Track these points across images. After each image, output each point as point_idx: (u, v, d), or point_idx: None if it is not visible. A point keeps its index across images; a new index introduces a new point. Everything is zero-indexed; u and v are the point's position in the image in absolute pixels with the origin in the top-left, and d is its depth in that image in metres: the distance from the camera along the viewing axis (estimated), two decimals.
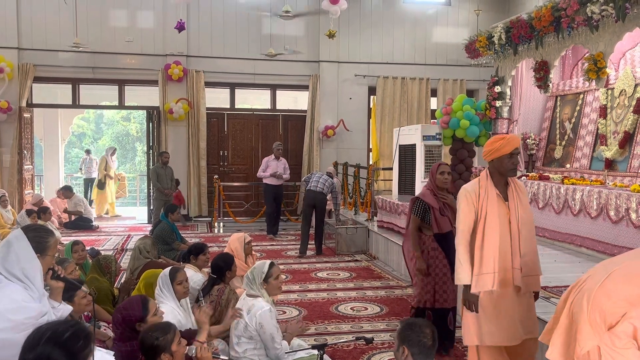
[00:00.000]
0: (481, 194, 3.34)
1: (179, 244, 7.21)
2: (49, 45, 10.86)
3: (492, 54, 8.01)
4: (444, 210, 4.40)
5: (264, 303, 3.67)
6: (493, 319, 3.30)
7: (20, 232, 2.50)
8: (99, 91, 13.28)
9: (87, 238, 9.26)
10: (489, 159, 3.38)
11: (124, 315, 3.03)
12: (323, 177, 8.43)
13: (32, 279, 2.41)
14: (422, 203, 4.43)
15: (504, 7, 12.20)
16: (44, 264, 2.56)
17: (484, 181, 3.37)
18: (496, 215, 3.30)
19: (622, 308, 2.25)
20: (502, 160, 3.32)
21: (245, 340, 3.65)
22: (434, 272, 4.40)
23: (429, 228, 4.44)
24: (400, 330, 2.52)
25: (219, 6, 11.62)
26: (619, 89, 6.86)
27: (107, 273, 4.83)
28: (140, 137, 24.01)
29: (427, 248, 4.44)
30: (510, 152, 3.29)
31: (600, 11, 5.58)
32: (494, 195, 3.34)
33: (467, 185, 3.44)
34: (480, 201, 3.33)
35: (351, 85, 12.16)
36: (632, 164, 6.45)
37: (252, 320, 3.61)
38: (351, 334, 4.90)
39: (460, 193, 3.42)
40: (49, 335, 1.99)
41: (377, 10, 12.24)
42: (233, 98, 12.21)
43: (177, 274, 3.80)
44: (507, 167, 3.33)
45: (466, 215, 3.34)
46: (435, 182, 4.46)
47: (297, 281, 6.85)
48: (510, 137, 3.35)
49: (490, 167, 3.40)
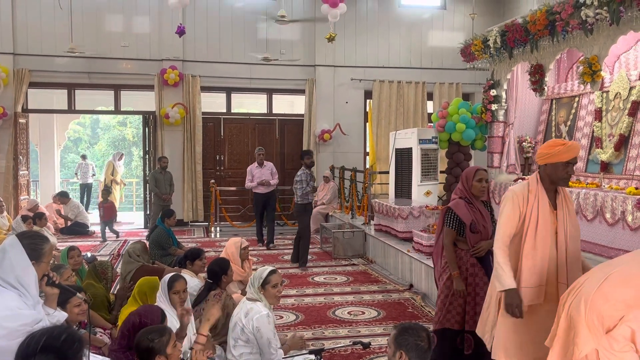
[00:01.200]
0: (530, 199, 3.11)
1: (175, 249, 7.19)
2: (45, 50, 10.84)
3: (488, 57, 8.03)
4: (476, 224, 3.87)
5: (262, 307, 3.66)
6: (529, 333, 3.09)
7: (15, 239, 2.49)
8: (95, 96, 13.25)
9: (83, 243, 9.23)
10: (542, 163, 3.14)
11: (143, 321, 3.02)
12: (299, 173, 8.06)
13: (26, 287, 2.39)
14: (454, 215, 3.91)
15: (499, 11, 12.25)
16: (39, 270, 2.54)
17: (534, 186, 3.14)
18: (548, 223, 3.07)
19: (619, 311, 2.25)
20: (556, 167, 3.08)
21: (241, 343, 3.64)
22: (473, 291, 3.87)
23: (464, 242, 3.92)
24: (395, 335, 2.51)
25: (214, 11, 11.63)
26: (614, 92, 6.88)
27: (103, 279, 4.81)
28: (137, 142, 23.97)
29: (465, 265, 3.90)
30: (567, 160, 3.06)
31: (595, 15, 5.59)
32: (546, 202, 3.10)
33: (515, 188, 3.21)
34: (529, 207, 3.10)
35: (347, 89, 12.18)
36: (628, 166, 6.46)
37: (249, 324, 3.60)
38: (348, 338, 4.89)
39: (507, 195, 3.19)
40: (45, 340, 2.00)
41: (372, 15, 12.27)
42: (229, 102, 12.21)
43: (175, 282, 3.76)
44: (561, 176, 3.10)
45: (510, 219, 3.11)
46: (470, 190, 3.91)
47: (294, 285, 6.84)
48: (571, 144, 3.10)
49: (542, 172, 3.17)
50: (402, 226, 7.55)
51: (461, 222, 3.86)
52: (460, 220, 3.85)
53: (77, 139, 25.41)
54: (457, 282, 3.83)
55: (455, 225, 3.90)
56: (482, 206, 3.94)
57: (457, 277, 3.84)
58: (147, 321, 3.05)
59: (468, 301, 3.85)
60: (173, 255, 7.04)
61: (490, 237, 3.83)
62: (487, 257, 3.87)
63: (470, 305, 3.85)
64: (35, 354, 1.96)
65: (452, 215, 3.91)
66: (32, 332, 2.10)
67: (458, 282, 3.83)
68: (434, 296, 6.00)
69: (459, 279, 3.83)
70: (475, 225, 3.84)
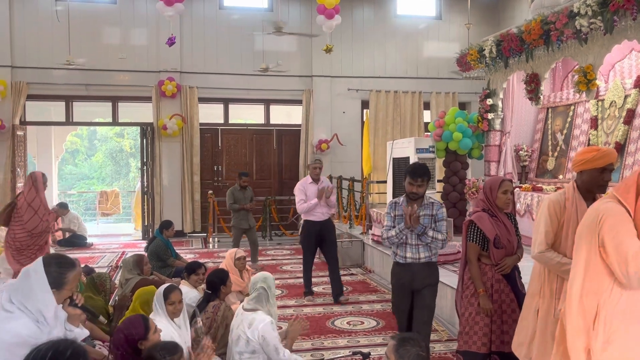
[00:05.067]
0: (568, 207, 3.03)
1: (173, 260, 7.18)
2: (42, 63, 10.87)
3: (484, 67, 8.09)
4: (500, 239, 3.67)
5: (264, 315, 3.67)
6: None
7: (40, 265, 2.55)
8: (93, 108, 13.28)
9: (81, 255, 9.20)
10: (577, 170, 3.08)
11: (127, 334, 3.01)
12: None
13: (43, 313, 2.46)
14: (477, 229, 3.72)
15: (494, 20, 12.35)
16: (59, 297, 2.61)
17: (571, 193, 3.07)
18: None
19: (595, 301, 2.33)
20: (592, 174, 3.02)
21: (247, 355, 3.63)
22: (500, 308, 3.68)
23: (488, 256, 3.73)
24: (395, 346, 2.50)
25: (212, 22, 11.70)
26: (609, 100, 6.94)
27: (101, 291, 4.80)
28: (134, 153, 23.97)
29: (490, 280, 3.71)
30: (603, 166, 2.99)
31: (589, 24, 5.65)
32: (584, 211, 2.91)
33: (552, 196, 3.14)
34: (567, 215, 3.02)
35: (344, 99, 12.23)
36: (624, 174, 6.50)
37: (254, 334, 3.60)
38: (347, 348, 4.88)
39: (544, 204, 3.12)
40: (51, 354, 2.01)
41: (369, 25, 12.36)
42: (227, 113, 12.25)
43: (171, 294, 3.75)
44: (597, 183, 3.03)
45: (548, 226, 3.03)
46: (494, 202, 3.70)
47: (293, 296, 6.83)
48: (607, 150, 3.03)
49: (578, 180, 3.11)
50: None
51: (485, 237, 3.68)
52: (484, 235, 3.68)
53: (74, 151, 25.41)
54: (483, 301, 3.64)
55: (478, 240, 3.71)
56: (507, 218, 3.75)
57: (484, 295, 3.65)
58: (132, 334, 3.02)
59: (494, 320, 3.67)
60: (172, 266, 7.04)
61: (515, 251, 3.72)
62: (513, 272, 3.75)
63: (497, 324, 3.67)
64: None
65: (475, 229, 3.72)
66: (38, 345, 2.11)
67: (485, 300, 3.64)
68: None
69: (485, 297, 3.64)
70: (499, 240, 3.66)
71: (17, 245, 5.47)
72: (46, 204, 5.69)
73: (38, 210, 5.43)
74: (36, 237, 5.47)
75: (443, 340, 5.12)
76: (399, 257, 4.09)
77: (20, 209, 5.43)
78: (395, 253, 4.12)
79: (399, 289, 4.15)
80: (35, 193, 5.49)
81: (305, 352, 4.68)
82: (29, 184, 5.55)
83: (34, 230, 5.40)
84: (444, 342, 5.08)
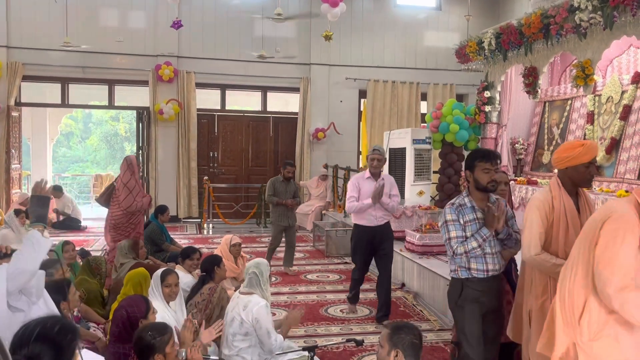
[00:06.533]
0: (556, 205, 2.98)
1: (168, 245, 7.20)
2: (39, 43, 10.78)
3: (482, 59, 8.09)
4: None
5: (259, 299, 3.71)
6: None
7: None
8: (89, 91, 13.19)
9: (75, 238, 9.18)
10: (563, 167, 3.02)
11: (129, 312, 3.06)
12: None
13: None
14: None
15: (494, 13, 12.32)
16: None
17: (557, 191, 3.01)
18: (578, 228, 2.88)
19: (582, 296, 2.36)
20: (578, 169, 2.97)
21: (240, 337, 3.67)
22: None
23: None
24: (389, 334, 2.53)
25: (210, 7, 11.62)
26: (606, 95, 6.97)
27: (97, 274, 4.82)
28: (129, 137, 23.86)
29: None
30: (589, 160, 2.96)
31: (589, 19, 5.66)
32: (572, 207, 2.97)
33: (540, 196, 3.06)
34: (556, 213, 2.97)
35: (342, 88, 12.21)
36: (619, 169, 6.55)
37: (248, 316, 3.65)
38: (341, 336, 4.93)
39: (531, 204, 3.05)
40: (39, 330, 2.03)
41: (368, 14, 12.30)
42: (224, 99, 12.20)
43: (168, 276, 3.82)
44: (584, 177, 2.99)
45: (540, 227, 2.96)
46: None
47: (287, 283, 6.86)
48: (590, 144, 3.01)
49: (562, 176, 3.05)
50: (395, 225, 7.57)
51: None
52: None
53: (69, 133, 25.26)
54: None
55: None
56: None
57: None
58: (134, 312, 3.07)
59: None
60: (166, 251, 7.06)
61: None
62: (509, 265, 3.61)
63: None
64: (30, 343, 1.98)
65: None
66: (26, 322, 2.13)
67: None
68: (425, 295, 6.06)
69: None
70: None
71: (113, 223, 5.90)
72: (140, 186, 6.09)
73: (132, 190, 5.81)
74: (130, 215, 5.87)
75: (435, 329, 5.18)
76: (479, 272, 3.25)
77: (118, 190, 5.85)
78: (468, 268, 3.26)
79: (479, 314, 3.26)
80: (130, 175, 5.87)
81: (298, 339, 4.72)
82: (124, 167, 5.95)
83: (128, 208, 5.78)
84: (436, 331, 5.13)
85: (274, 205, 7.34)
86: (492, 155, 3.28)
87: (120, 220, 5.84)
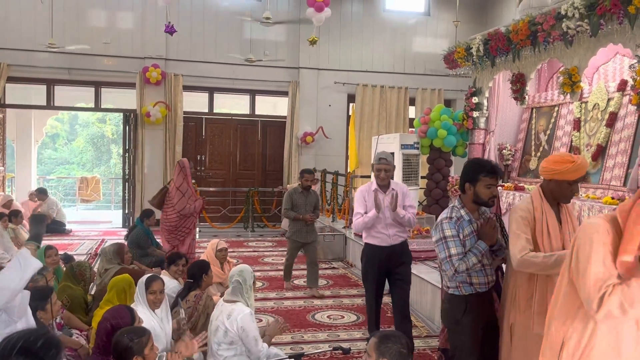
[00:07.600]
0: (537, 216, 2.92)
1: (154, 249, 7.12)
2: (24, 44, 10.64)
3: (470, 65, 8.11)
4: None
5: (243, 307, 3.68)
6: None
7: None
8: (75, 92, 13.04)
9: (59, 242, 9.06)
10: (547, 178, 2.96)
11: (114, 324, 3.01)
12: None
13: None
14: None
15: (483, 19, 12.40)
16: None
17: (538, 202, 2.96)
18: (559, 240, 2.86)
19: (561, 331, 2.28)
20: (561, 185, 2.91)
21: (225, 346, 3.63)
22: None
23: None
24: (377, 343, 2.50)
25: (199, 10, 11.56)
26: (593, 102, 7.01)
27: (81, 280, 4.74)
28: (116, 139, 23.66)
29: None
30: (574, 179, 2.88)
31: (576, 27, 5.69)
32: (554, 219, 2.92)
33: (522, 206, 3.00)
34: (538, 224, 2.91)
35: (330, 92, 12.20)
36: (604, 176, 6.59)
37: (232, 325, 3.60)
38: (328, 342, 4.89)
39: (513, 214, 2.98)
40: (21, 344, 1.97)
41: (357, 19, 12.32)
42: (212, 102, 12.14)
43: (152, 283, 3.75)
44: (564, 194, 2.94)
45: (528, 235, 2.89)
46: None
47: (274, 289, 6.82)
48: (580, 162, 2.89)
49: (544, 187, 3.00)
50: None
51: None
52: None
53: (54, 135, 24.99)
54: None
55: None
56: None
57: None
58: (119, 324, 3.02)
59: None
60: (152, 255, 6.98)
61: None
62: (496, 273, 3.49)
63: None
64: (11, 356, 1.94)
65: None
66: (9, 335, 2.08)
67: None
68: (413, 302, 6.03)
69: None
70: None
71: (168, 226, 6.01)
72: (193, 189, 6.16)
73: (185, 193, 5.93)
74: (184, 219, 5.98)
75: (422, 336, 5.16)
76: (481, 286, 3.17)
77: (171, 193, 5.98)
78: (470, 283, 3.16)
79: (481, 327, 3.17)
80: (182, 178, 5.97)
81: (285, 346, 4.68)
82: (177, 170, 6.04)
83: (182, 211, 5.91)
84: (423, 338, 5.12)
85: (291, 219, 6.70)
86: (497, 171, 3.18)
87: (174, 224, 6.01)
